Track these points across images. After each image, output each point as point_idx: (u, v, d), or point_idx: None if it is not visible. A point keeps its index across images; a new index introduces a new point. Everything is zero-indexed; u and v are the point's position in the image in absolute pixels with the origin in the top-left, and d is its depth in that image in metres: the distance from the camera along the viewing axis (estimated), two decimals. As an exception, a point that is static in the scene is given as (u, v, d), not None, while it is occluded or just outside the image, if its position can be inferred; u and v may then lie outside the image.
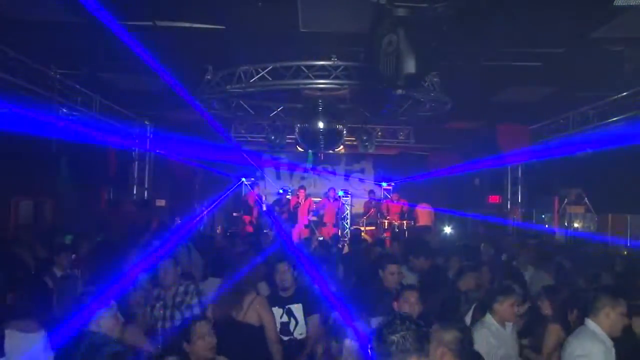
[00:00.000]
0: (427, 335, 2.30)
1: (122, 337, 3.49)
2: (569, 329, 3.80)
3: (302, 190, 13.94)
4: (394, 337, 2.20)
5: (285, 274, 4.57)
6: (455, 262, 6.19)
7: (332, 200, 13.80)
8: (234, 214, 14.99)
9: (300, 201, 13.64)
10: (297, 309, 4.55)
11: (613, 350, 3.34)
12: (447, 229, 12.79)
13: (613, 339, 3.38)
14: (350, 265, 7.16)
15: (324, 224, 13.56)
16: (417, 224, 13.77)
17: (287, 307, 4.54)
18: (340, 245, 10.18)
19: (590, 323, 3.39)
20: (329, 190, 14.18)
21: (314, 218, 13.61)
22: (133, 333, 3.90)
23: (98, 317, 3.33)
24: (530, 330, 4.56)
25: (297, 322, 4.52)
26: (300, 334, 4.53)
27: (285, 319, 4.53)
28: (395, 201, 14.29)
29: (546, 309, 4.53)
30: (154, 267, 4.69)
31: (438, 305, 4.56)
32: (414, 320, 2.32)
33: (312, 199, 14.02)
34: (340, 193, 14.71)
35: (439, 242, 9.89)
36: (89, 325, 3.29)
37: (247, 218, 14.00)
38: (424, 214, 14.17)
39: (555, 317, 4.24)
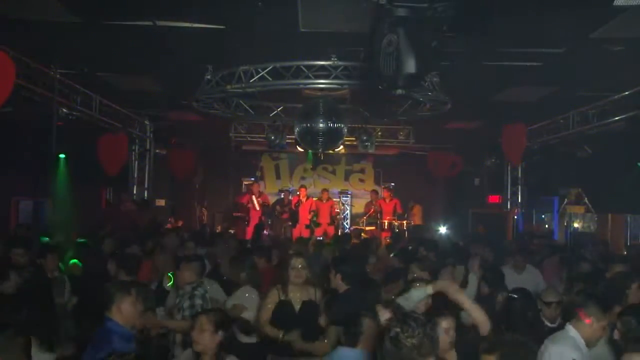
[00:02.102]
0: (438, 340, 2.33)
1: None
2: None
3: (303, 190, 13.93)
4: (413, 341, 2.21)
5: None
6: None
7: (324, 201, 13.91)
8: (234, 214, 14.97)
9: (301, 200, 13.63)
10: None
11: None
12: (442, 229, 12.74)
13: None
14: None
15: (318, 224, 13.65)
16: (414, 223, 13.78)
17: None
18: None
19: (570, 329, 3.32)
20: (321, 192, 14.31)
21: (314, 218, 13.61)
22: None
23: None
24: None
25: None
26: None
27: None
28: (387, 200, 14.25)
29: None
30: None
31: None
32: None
33: (313, 199, 14.04)
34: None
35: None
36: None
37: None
38: (418, 214, 14.21)
39: None
